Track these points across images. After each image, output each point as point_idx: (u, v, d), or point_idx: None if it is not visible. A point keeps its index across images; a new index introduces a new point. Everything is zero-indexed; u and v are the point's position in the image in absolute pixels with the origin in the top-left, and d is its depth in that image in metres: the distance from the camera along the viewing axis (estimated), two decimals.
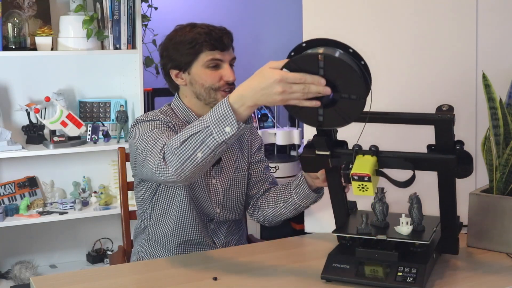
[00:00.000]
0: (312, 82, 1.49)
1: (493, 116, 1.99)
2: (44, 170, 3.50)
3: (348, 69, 1.49)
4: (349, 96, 1.53)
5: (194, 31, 2.02)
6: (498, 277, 1.77)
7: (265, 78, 1.53)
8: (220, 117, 1.59)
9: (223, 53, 2.03)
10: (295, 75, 1.50)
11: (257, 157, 2.23)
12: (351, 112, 1.56)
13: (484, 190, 2.04)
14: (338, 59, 1.49)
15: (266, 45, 4.63)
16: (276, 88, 1.51)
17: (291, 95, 1.51)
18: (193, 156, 1.63)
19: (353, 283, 1.68)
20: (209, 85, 2.02)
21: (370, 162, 1.65)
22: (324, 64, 1.49)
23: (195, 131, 1.63)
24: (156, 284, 1.73)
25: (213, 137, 1.60)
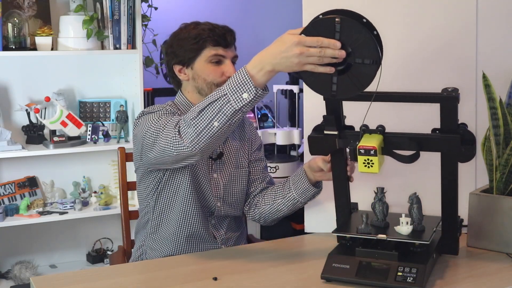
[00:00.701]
0: (328, 45, 1.55)
1: (493, 116, 1.99)
2: (44, 170, 3.50)
3: (363, 33, 1.56)
4: (362, 61, 1.58)
5: (198, 28, 2.07)
6: (498, 277, 1.77)
7: (284, 42, 1.59)
8: (238, 84, 1.64)
9: (226, 50, 2.07)
10: (312, 38, 1.56)
11: (257, 156, 2.26)
12: (364, 78, 1.60)
13: (484, 190, 2.04)
14: (354, 22, 1.56)
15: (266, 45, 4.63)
16: (294, 51, 1.57)
17: (308, 58, 1.57)
18: (210, 125, 1.68)
19: (353, 283, 1.68)
20: (211, 80, 2.06)
21: (376, 138, 1.71)
22: (340, 28, 1.55)
23: (213, 99, 1.67)
24: (156, 284, 1.73)
25: (231, 104, 1.65)
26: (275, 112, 3.83)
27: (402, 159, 1.73)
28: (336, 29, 1.56)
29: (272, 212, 2.17)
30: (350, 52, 1.57)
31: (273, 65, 1.62)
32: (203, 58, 2.06)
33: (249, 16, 4.61)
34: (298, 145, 3.72)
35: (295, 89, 3.69)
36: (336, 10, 1.61)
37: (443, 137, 1.72)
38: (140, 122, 2.01)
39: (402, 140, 1.74)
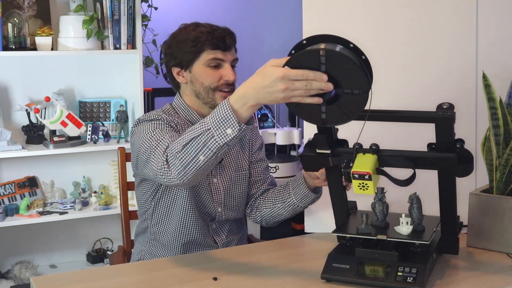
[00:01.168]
0: (314, 78, 1.48)
1: (493, 116, 1.99)
2: (44, 170, 3.50)
3: (349, 63, 1.49)
4: (351, 91, 1.53)
5: (197, 30, 2.03)
6: (498, 277, 1.77)
7: (267, 76, 1.52)
8: (221, 119, 1.58)
9: (225, 53, 2.04)
10: (297, 71, 1.50)
11: (258, 156, 2.24)
12: (354, 107, 1.55)
13: (484, 190, 2.04)
14: (340, 53, 1.49)
15: (266, 45, 4.63)
16: (278, 86, 1.50)
17: (293, 92, 1.50)
18: (195, 159, 1.63)
19: (353, 283, 1.68)
20: (209, 84, 2.03)
21: (370, 160, 1.65)
22: (325, 60, 1.49)
23: (196, 134, 1.62)
24: (156, 284, 1.73)
25: (215, 140, 1.59)
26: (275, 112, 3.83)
27: (398, 183, 1.69)
28: (321, 60, 1.49)
29: (273, 216, 2.16)
30: (338, 82, 1.51)
31: (256, 100, 1.56)
32: (201, 62, 2.03)
33: (249, 16, 4.61)
34: (298, 145, 3.72)
35: None
36: (321, 36, 1.55)
37: (439, 156, 1.67)
38: (136, 132, 2.00)
39: (397, 159, 1.69)
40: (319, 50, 1.49)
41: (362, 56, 1.55)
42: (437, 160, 1.68)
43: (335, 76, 1.50)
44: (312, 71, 1.49)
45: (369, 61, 1.55)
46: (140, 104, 3.43)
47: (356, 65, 1.50)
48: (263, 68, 1.55)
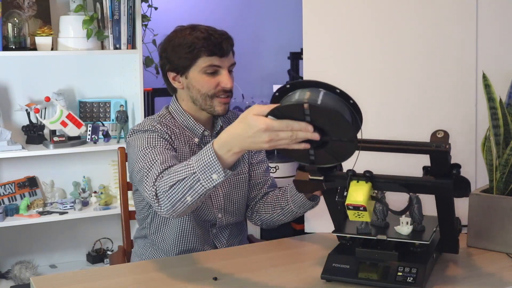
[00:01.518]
0: (299, 129, 1.45)
1: (493, 116, 1.99)
2: (44, 170, 3.50)
3: (336, 115, 1.44)
4: (339, 139, 1.49)
5: (193, 35, 1.98)
6: (498, 277, 1.77)
7: (251, 127, 1.48)
8: (206, 164, 1.58)
9: (222, 59, 1.99)
10: (281, 123, 1.45)
11: (258, 158, 2.20)
12: (344, 152, 1.53)
13: (484, 190, 2.04)
14: (324, 108, 1.43)
15: (266, 45, 4.63)
16: (262, 137, 1.47)
17: (278, 142, 1.48)
18: (183, 199, 1.64)
19: (353, 283, 1.68)
20: (206, 92, 1.99)
21: (364, 189, 1.61)
22: (310, 112, 1.43)
23: (182, 176, 1.62)
24: (156, 284, 1.73)
25: (201, 184, 1.60)
26: None
27: (394, 213, 1.68)
28: (305, 112, 1.43)
29: (273, 221, 2.14)
30: (325, 131, 1.47)
31: (241, 148, 1.54)
32: (198, 68, 1.98)
33: (249, 16, 4.61)
34: None
35: None
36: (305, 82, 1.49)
37: (435, 184, 1.64)
38: (130, 144, 1.98)
39: (391, 186, 1.67)
40: (302, 104, 1.43)
41: (350, 100, 1.48)
42: (433, 187, 1.65)
43: (321, 125, 1.46)
44: (296, 121, 1.45)
45: (357, 105, 1.48)
46: (140, 104, 3.43)
47: (343, 117, 1.44)
48: (246, 115, 1.51)
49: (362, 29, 2.36)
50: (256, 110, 1.49)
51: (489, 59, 2.23)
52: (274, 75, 4.43)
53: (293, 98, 1.47)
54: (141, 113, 3.42)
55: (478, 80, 2.19)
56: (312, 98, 1.44)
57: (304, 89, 1.48)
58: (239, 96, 4.22)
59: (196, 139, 2.05)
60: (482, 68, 2.10)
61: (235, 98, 4.20)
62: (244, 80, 4.26)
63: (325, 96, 1.46)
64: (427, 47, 2.30)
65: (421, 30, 2.31)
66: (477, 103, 2.24)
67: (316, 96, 1.45)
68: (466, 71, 2.26)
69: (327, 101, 1.45)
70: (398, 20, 2.31)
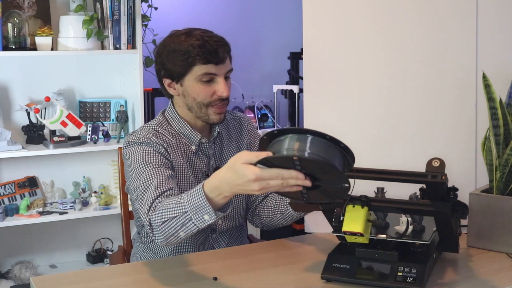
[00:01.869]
0: (289, 178, 1.44)
1: (493, 116, 1.99)
2: (44, 170, 3.50)
3: (326, 165, 1.43)
4: (332, 184, 1.50)
5: (188, 42, 1.92)
6: (498, 277, 1.77)
7: (240, 176, 1.48)
8: (197, 206, 1.59)
9: (218, 67, 1.93)
10: (271, 172, 1.45)
11: None
12: (336, 194, 1.54)
13: (484, 190, 2.04)
14: (313, 159, 1.42)
15: (266, 45, 4.63)
16: (252, 186, 1.47)
17: (269, 189, 1.48)
18: (176, 234, 1.67)
19: (353, 283, 1.68)
20: (201, 100, 1.95)
21: (361, 215, 1.62)
22: (300, 163, 1.43)
23: (174, 215, 1.64)
24: (156, 284, 1.73)
25: (193, 223, 1.62)
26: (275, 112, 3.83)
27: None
28: (295, 163, 1.43)
29: (273, 224, 2.13)
30: (316, 177, 1.46)
31: (231, 193, 1.56)
32: (193, 76, 1.93)
33: (249, 16, 4.61)
34: None
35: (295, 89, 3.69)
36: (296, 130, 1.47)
37: (432, 209, 1.65)
38: (126, 156, 1.96)
39: (388, 210, 1.68)
40: (291, 157, 1.42)
41: (340, 144, 1.46)
42: (431, 211, 1.67)
43: (312, 173, 1.46)
44: (287, 170, 1.44)
45: (348, 148, 1.47)
46: (140, 104, 3.43)
47: (333, 166, 1.43)
48: (234, 163, 1.50)
49: (362, 29, 2.36)
50: (244, 158, 1.48)
51: (489, 59, 2.23)
52: (274, 75, 4.43)
53: (282, 147, 1.45)
54: (141, 113, 3.42)
55: (478, 80, 2.19)
56: (300, 149, 1.42)
57: (293, 135, 1.46)
58: (239, 96, 4.22)
59: (193, 146, 2.03)
60: (482, 68, 2.10)
61: (235, 98, 4.20)
62: (244, 80, 4.26)
63: (313, 145, 1.43)
64: (428, 47, 2.30)
65: (421, 30, 2.31)
66: (477, 103, 2.24)
67: (304, 146, 1.43)
68: (466, 71, 2.26)
69: (317, 151, 1.43)
70: (398, 20, 2.31)
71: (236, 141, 2.14)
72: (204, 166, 2.05)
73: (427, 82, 2.32)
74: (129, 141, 1.98)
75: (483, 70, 2.04)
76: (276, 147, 1.46)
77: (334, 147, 1.45)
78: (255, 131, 2.23)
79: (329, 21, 2.38)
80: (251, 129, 2.21)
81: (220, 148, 2.09)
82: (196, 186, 1.63)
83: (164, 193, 1.78)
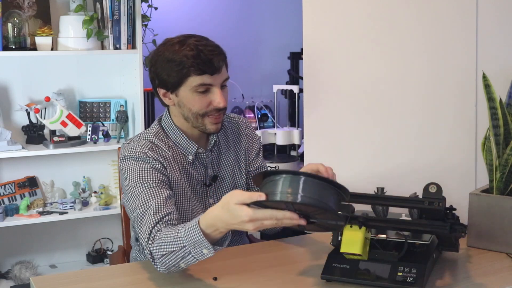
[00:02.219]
0: (283, 218, 1.46)
1: (493, 116, 1.99)
2: (44, 170, 3.50)
3: (320, 208, 1.45)
4: (326, 222, 1.53)
5: (182, 52, 1.86)
6: (498, 277, 1.77)
7: (233, 216, 1.51)
8: (195, 241, 1.61)
9: (213, 77, 1.88)
10: (265, 213, 1.47)
11: (255, 165, 2.13)
12: (331, 227, 1.58)
13: (484, 190, 2.04)
14: (306, 203, 1.43)
15: (266, 45, 4.63)
16: (246, 226, 1.50)
17: (264, 227, 1.51)
18: (177, 265, 1.68)
19: (353, 283, 1.68)
20: (197, 111, 1.91)
21: (359, 237, 1.63)
22: (293, 206, 1.45)
23: (173, 249, 1.65)
24: (156, 284, 1.73)
25: (192, 256, 1.63)
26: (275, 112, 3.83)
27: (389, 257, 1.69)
28: (288, 206, 1.45)
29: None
30: (311, 216, 1.48)
31: (227, 229, 1.58)
32: (188, 87, 1.88)
33: (249, 16, 4.61)
34: (298, 145, 3.72)
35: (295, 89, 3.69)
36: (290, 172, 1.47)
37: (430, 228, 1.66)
38: (122, 171, 1.94)
39: (386, 229, 1.70)
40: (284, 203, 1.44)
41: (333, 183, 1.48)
42: (429, 230, 1.69)
43: (306, 213, 1.47)
44: (281, 212, 1.46)
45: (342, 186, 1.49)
46: (140, 104, 3.43)
47: (327, 207, 1.44)
48: (228, 202, 1.52)
49: (362, 29, 2.36)
50: (237, 198, 1.50)
51: (489, 59, 2.23)
52: (274, 75, 4.43)
53: (275, 189, 1.46)
54: (141, 113, 3.43)
55: (478, 80, 2.20)
56: (294, 192, 1.43)
57: (287, 176, 1.46)
58: (239, 96, 4.22)
59: (190, 156, 1.99)
60: (482, 68, 2.10)
61: (235, 98, 4.20)
62: (244, 80, 4.26)
63: (306, 187, 1.44)
64: (428, 47, 2.30)
65: (421, 30, 2.31)
66: (477, 103, 2.24)
67: (297, 189, 1.43)
68: (466, 71, 2.26)
69: (310, 193, 1.44)
70: (398, 20, 2.32)
71: (234, 147, 2.10)
72: (201, 176, 2.02)
73: (427, 81, 2.32)
74: (125, 155, 1.94)
75: (483, 70, 2.04)
76: (270, 187, 1.47)
77: (327, 187, 1.46)
78: (253, 135, 2.18)
79: (329, 21, 2.38)
80: (250, 133, 2.16)
81: (218, 156, 2.06)
82: (192, 221, 1.63)
83: (162, 219, 1.76)
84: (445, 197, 1.66)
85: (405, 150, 2.37)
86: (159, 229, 1.74)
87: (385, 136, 2.40)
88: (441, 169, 2.34)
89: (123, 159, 1.95)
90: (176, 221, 1.78)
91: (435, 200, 1.63)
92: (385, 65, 2.36)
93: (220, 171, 2.06)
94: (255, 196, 1.47)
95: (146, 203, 1.80)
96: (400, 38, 2.32)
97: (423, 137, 2.37)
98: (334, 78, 2.44)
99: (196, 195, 2.00)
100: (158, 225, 1.75)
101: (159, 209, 1.78)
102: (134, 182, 1.87)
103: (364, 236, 1.63)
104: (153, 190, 1.84)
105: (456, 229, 1.65)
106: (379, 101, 2.39)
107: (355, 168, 2.51)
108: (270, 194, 1.45)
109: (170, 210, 1.80)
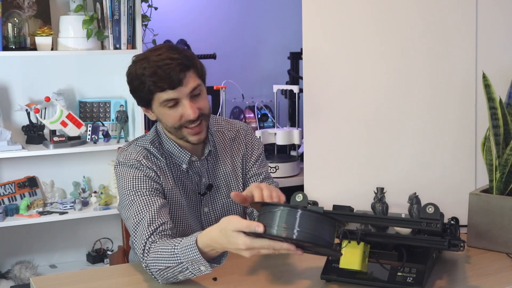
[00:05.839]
0: (280, 249, 1.48)
1: (493, 116, 1.99)
2: (44, 170, 3.50)
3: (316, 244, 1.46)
4: (323, 251, 1.56)
5: (142, 70, 1.84)
6: (498, 277, 1.77)
7: (231, 243, 1.52)
8: (192, 259, 1.62)
9: (177, 90, 1.83)
10: (262, 243, 1.48)
11: (252, 171, 2.08)
12: (327, 253, 1.61)
13: (484, 190, 2.04)
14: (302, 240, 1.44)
15: (266, 45, 4.63)
16: (243, 253, 1.52)
17: (260, 254, 1.52)
18: (175, 278, 1.69)
19: (352, 283, 1.68)
20: (172, 125, 1.90)
21: (358, 253, 1.64)
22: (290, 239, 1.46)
23: (169, 264, 1.66)
24: (156, 284, 1.73)
25: (190, 271, 1.65)
26: (275, 112, 3.83)
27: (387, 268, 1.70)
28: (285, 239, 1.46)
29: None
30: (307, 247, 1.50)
31: (224, 250, 1.61)
32: (157, 104, 1.88)
33: (249, 16, 4.60)
34: (298, 145, 3.72)
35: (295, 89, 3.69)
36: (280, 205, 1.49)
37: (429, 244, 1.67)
38: (116, 177, 1.95)
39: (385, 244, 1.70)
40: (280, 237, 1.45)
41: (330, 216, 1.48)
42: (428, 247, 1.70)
43: (302, 245, 1.48)
44: (278, 242, 1.47)
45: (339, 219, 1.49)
46: None
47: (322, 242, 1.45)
48: (225, 227, 1.52)
49: (362, 29, 2.36)
50: (234, 225, 1.50)
51: (489, 59, 2.23)
52: (274, 75, 4.43)
53: (273, 222, 1.45)
54: (141, 113, 3.42)
55: (478, 80, 2.20)
56: (289, 228, 1.44)
57: (284, 209, 1.46)
58: (239, 96, 4.21)
59: (184, 165, 1.98)
60: (482, 68, 2.10)
61: (235, 98, 4.19)
62: (244, 80, 4.26)
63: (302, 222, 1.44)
64: (428, 47, 2.30)
65: (421, 30, 2.31)
66: (477, 103, 2.24)
67: (293, 224, 1.44)
68: (466, 71, 2.26)
69: (305, 228, 1.44)
70: (398, 20, 2.32)
71: (231, 155, 2.07)
72: (195, 185, 2.00)
73: (427, 81, 2.32)
74: (120, 161, 1.96)
75: (483, 70, 2.04)
76: (267, 219, 1.47)
77: (324, 219, 1.46)
78: (253, 143, 2.12)
79: (329, 21, 2.38)
80: (250, 141, 2.11)
81: (214, 164, 2.03)
82: (189, 238, 1.64)
83: (156, 230, 1.76)
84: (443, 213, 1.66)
85: (405, 149, 2.37)
86: (153, 241, 1.74)
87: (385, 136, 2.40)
88: (441, 169, 2.34)
89: (118, 164, 1.97)
90: (170, 231, 1.78)
91: (432, 221, 1.64)
92: (384, 65, 2.36)
93: (216, 180, 2.03)
94: (252, 226, 1.47)
95: (140, 213, 1.81)
96: (399, 38, 2.32)
97: (423, 136, 2.37)
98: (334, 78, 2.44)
99: (191, 204, 2.00)
100: (152, 237, 1.75)
101: (153, 219, 1.78)
102: (128, 190, 1.88)
103: (363, 250, 1.65)
104: (147, 198, 1.85)
105: (454, 244, 1.64)
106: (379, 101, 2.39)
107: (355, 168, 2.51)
108: (267, 227, 1.46)
109: (164, 220, 1.79)
